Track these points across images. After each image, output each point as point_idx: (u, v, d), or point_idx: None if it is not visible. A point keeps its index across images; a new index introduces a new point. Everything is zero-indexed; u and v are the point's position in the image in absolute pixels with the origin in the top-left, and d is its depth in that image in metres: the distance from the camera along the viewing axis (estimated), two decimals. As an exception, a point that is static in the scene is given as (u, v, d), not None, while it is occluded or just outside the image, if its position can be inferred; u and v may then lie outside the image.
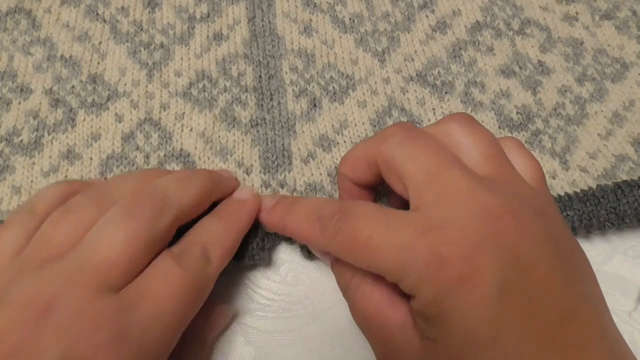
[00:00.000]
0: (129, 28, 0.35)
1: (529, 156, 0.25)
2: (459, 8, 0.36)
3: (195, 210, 0.26)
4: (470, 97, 0.33)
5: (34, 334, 0.20)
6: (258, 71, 0.33)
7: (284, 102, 0.33)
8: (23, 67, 0.34)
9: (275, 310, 0.29)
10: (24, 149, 0.31)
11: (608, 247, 0.31)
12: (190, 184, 0.26)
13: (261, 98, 0.33)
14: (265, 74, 0.33)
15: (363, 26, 0.35)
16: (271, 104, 0.32)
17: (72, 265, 0.22)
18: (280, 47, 0.34)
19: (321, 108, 0.33)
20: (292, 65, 0.34)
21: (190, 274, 0.23)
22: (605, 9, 0.35)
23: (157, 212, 0.24)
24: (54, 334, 0.20)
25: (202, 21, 0.35)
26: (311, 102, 0.33)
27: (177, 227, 0.25)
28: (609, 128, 0.32)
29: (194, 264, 0.24)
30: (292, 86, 0.33)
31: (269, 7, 0.35)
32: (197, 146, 0.31)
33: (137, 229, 0.23)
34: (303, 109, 0.32)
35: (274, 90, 0.33)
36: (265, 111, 0.32)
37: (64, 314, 0.20)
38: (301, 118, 0.32)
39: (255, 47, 0.34)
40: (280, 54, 0.34)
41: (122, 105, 0.33)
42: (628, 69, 0.34)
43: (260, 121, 0.32)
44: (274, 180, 0.31)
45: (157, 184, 0.26)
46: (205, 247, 0.25)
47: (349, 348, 0.29)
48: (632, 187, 0.29)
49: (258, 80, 0.33)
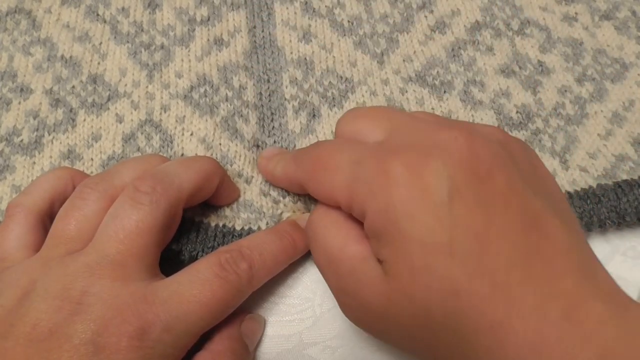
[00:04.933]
0: (130, 29, 0.35)
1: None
2: (458, 8, 0.36)
3: (199, 193, 0.27)
4: (469, 95, 0.33)
5: (66, 322, 0.21)
6: (259, 87, 0.33)
7: (284, 122, 0.33)
8: (23, 67, 0.34)
9: (275, 314, 0.29)
10: (24, 149, 0.31)
11: (608, 247, 0.30)
12: (191, 166, 0.27)
13: (262, 117, 0.33)
14: (265, 90, 0.33)
15: (362, 28, 0.35)
16: (272, 125, 0.32)
17: (91, 259, 0.23)
18: (281, 59, 0.34)
19: (320, 117, 0.33)
20: (292, 77, 0.34)
21: (228, 289, 0.24)
22: (605, 10, 0.36)
23: (156, 198, 0.24)
24: (85, 321, 0.21)
25: (203, 24, 0.35)
26: (310, 113, 0.33)
27: (183, 208, 0.26)
28: (608, 128, 0.32)
29: (236, 280, 0.24)
30: (292, 101, 0.33)
31: (269, 15, 0.35)
32: (198, 152, 0.31)
33: (139, 218, 0.24)
34: (302, 125, 0.32)
35: (274, 110, 0.33)
36: (266, 134, 0.32)
37: (95, 304, 0.22)
38: (300, 135, 0.32)
39: (256, 61, 0.34)
40: (280, 67, 0.34)
41: (122, 105, 0.33)
42: (628, 70, 0.34)
43: (261, 143, 0.32)
44: (274, 191, 0.30)
45: (158, 168, 0.26)
46: (252, 266, 0.25)
47: (349, 349, 0.29)
48: (632, 186, 0.29)
49: (259, 97, 0.33)
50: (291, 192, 0.30)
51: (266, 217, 0.30)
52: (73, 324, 0.21)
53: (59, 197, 0.27)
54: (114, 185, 0.26)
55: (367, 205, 0.21)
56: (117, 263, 0.23)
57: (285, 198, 0.30)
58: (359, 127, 0.24)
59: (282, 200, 0.30)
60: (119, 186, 0.26)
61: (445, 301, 0.19)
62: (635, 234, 0.31)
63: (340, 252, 0.23)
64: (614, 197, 0.29)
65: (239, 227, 0.29)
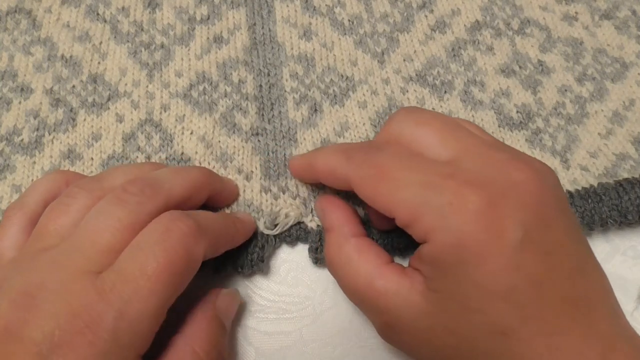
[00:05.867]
0: (130, 28, 0.35)
1: None
2: (458, 8, 0.36)
3: (187, 201, 0.26)
4: (470, 95, 0.33)
5: (21, 319, 0.20)
6: (259, 80, 0.33)
7: (284, 111, 0.33)
8: (23, 67, 0.34)
9: (275, 312, 0.29)
10: (25, 149, 0.31)
11: (608, 247, 0.31)
12: (183, 174, 0.26)
13: (262, 107, 0.33)
14: (265, 83, 0.33)
15: (362, 28, 0.35)
16: (272, 114, 0.32)
17: (62, 252, 0.22)
18: (281, 54, 0.34)
19: (322, 112, 0.33)
20: (293, 71, 0.34)
21: (172, 254, 0.22)
22: (605, 9, 0.36)
23: (144, 197, 0.24)
24: (37, 319, 0.20)
25: (202, 23, 0.35)
26: (312, 107, 0.33)
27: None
28: (609, 127, 0.32)
29: (180, 241, 0.22)
30: (293, 94, 0.33)
31: (269, 13, 0.35)
32: (198, 151, 0.31)
33: (121, 215, 0.23)
34: (304, 116, 0.32)
35: (274, 100, 0.33)
36: (266, 121, 0.32)
37: (48, 299, 0.21)
38: (302, 126, 0.32)
39: (256, 56, 0.34)
40: (280, 62, 0.34)
41: (122, 105, 0.33)
42: (628, 69, 0.34)
43: (261, 131, 0.32)
44: (274, 186, 0.30)
45: (150, 174, 0.26)
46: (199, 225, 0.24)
47: (349, 348, 0.29)
48: (633, 185, 0.29)
49: (259, 89, 0.33)
50: (290, 188, 0.30)
51: (264, 215, 0.30)
52: (25, 322, 0.20)
53: (53, 199, 0.26)
54: (103, 187, 0.25)
55: (435, 234, 0.20)
56: (84, 255, 0.22)
57: (285, 194, 0.30)
58: (421, 136, 0.23)
59: (282, 196, 0.30)
60: (107, 188, 0.25)
61: (492, 340, 0.20)
62: (635, 234, 0.31)
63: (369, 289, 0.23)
64: (615, 196, 0.29)
65: None
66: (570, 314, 0.19)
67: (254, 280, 0.30)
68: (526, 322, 0.19)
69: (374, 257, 0.24)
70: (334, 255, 0.25)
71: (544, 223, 0.20)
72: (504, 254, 0.19)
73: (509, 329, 0.19)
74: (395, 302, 0.22)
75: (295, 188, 0.30)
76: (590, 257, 0.21)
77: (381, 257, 0.24)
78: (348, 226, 0.25)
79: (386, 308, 0.22)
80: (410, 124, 0.23)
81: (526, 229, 0.19)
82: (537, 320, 0.19)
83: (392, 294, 0.22)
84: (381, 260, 0.23)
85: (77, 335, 0.20)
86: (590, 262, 0.21)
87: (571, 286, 0.20)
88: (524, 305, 0.19)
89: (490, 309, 0.20)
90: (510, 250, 0.19)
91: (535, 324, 0.19)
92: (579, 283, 0.20)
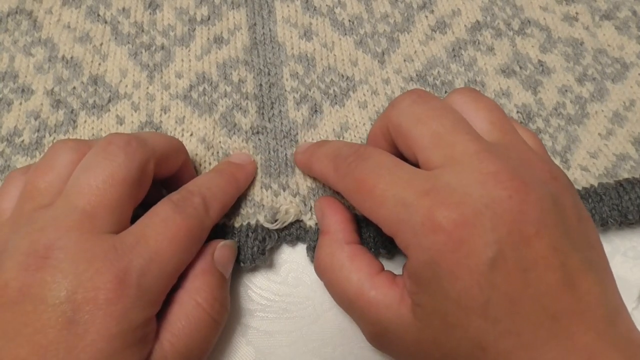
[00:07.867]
0: (130, 29, 0.35)
1: (524, 128, 0.25)
2: (458, 8, 0.36)
3: (170, 159, 0.27)
4: (470, 96, 0.33)
5: (37, 280, 0.20)
6: (259, 79, 0.33)
7: (285, 110, 0.33)
8: (24, 68, 0.34)
9: (275, 311, 0.29)
10: (25, 150, 0.32)
11: (608, 247, 0.31)
12: (162, 135, 0.27)
13: (262, 106, 0.33)
14: (265, 82, 0.33)
15: (362, 28, 0.35)
16: (272, 113, 0.32)
17: (60, 212, 0.22)
18: (281, 54, 0.34)
19: (322, 113, 0.33)
20: (293, 71, 0.34)
21: (189, 220, 0.24)
22: (605, 9, 0.36)
23: (131, 151, 0.24)
24: (56, 278, 0.20)
25: (203, 24, 0.35)
26: (312, 108, 0.33)
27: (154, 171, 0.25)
28: (609, 128, 0.32)
29: (194, 212, 0.25)
30: (293, 93, 0.33)
31: (270, 13, 0.35)
32: (198, 152, 0.31)
33: (113, 169, 0.23)
34: (304, 116, 0.32)
35: (274, 99, 0.33)
36: (267, 120, 0.32)
37: (64, 259, 0.21)
38: (302, 126, 0.32)
39: (256, 56, 0.34)
40: (280, 61, 0.34)
41: (123, 107, 0.33)
42: (628, 69, 0.34)
43: (261, 129, 0.32)
44: (275, 183, 0.31)
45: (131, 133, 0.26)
46: (204, 198, 0.26)
47: (349, 349, 0.29)
48: (634, 185, 0.29)
49: (259, 88, 0.33)
50: (290, 185, 0.30)
51: (265, 210, 0.30)
52: (43, 282, 0.20)
53: None
54: (88, 143, 0.25)
55: (411, 251, 0.21)
56: (86, 214, 0.22)
57: (285, 191, 0.30)
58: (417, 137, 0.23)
59: (282, 193, 0.30)
60: (91, 143, 0.25)
61: (473, 354, 0.20)
62: (635, 234, 0.31)
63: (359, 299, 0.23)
64: (615, 196, 0.29)
65: (237, 224, 0.29)
66: (549, 328, 0.19)
67: (255, 280, 0.30)
68: (503, 336, 0.19)
69: (366, 266, 0.24)
70: (326, 259, 0.25)
71: (522, 240, 0.20)
72: (475, 272, 0.19)
73: (486, 344, 0.20)
74: (386, 315, 0.22)
75: (295, 186, 0.30)
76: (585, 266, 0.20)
77: (373, 266, 0.24)
78: (343, 232, 0.26)
79: (376, 319, 0.23)
80: (410, 119, 0.23)
81: (499, 248, 0.19)
82: (514, 335, 0.19)
83: (383, 307, 0.22)
84: (373, 270, 0.24)
85: (102, 291, 0.20)
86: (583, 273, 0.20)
87: (552, 301, 0.19)
88: (499, 320, 0.19)
89: (467, 324, 0.20)
90: (482, 269, 0.19)
91: (512, 339, 0.19)
92: (562, 297, 0.19)
